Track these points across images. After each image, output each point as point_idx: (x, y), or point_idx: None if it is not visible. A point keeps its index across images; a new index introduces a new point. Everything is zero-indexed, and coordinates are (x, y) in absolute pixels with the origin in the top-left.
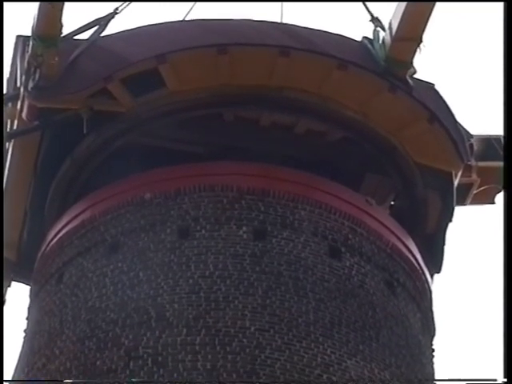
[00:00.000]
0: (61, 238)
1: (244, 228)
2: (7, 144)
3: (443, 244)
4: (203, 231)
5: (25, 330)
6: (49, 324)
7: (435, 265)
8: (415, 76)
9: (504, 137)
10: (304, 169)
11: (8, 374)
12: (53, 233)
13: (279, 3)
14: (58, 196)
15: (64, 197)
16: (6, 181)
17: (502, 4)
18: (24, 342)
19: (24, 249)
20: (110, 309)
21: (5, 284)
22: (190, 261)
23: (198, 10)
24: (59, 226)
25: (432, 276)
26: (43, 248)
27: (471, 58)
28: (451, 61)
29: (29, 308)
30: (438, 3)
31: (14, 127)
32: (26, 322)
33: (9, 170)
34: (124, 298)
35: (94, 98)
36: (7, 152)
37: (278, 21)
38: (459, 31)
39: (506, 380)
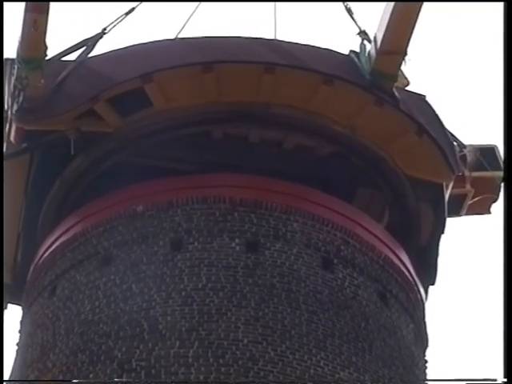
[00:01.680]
0: (53, 250)
1: (237, 240)
2: None
3: (437, 256)
4: (196, 243)
5: (17, 343)
6: (41, 337)
7: (429, 277)
8: (407, 87)
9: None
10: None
11: None
12: (45, 246)
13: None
14: (49, 218)
15: (55, 218)
16: None
17: (502, 4)
18: (17, 355)
19: (19, 271)
20: (103, 321)
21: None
22: (183, 273)
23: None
24: (52, 238)
25: (427, 288)
26: (36, 261)
27: (466, 64)
28: (446, 68)
29: (21, 321)
30: (438, 4)
31: (5, 149)
32: (18, 334)
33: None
34: (117, 310)
35: (81, 118)
36: None
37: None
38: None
39: (506, 380)
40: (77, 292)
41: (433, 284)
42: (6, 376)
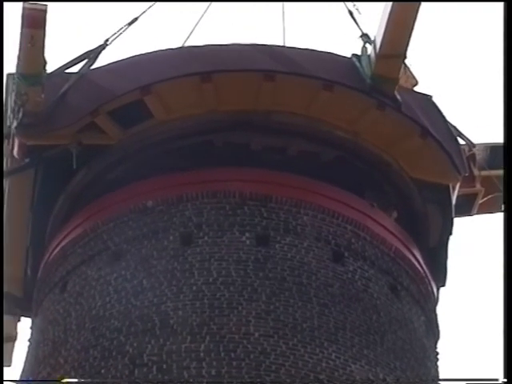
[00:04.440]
0: (64, 246)
1: (247, 234)
2: (3, 182)
3: (446, 257)
4: (206, 238)
5: (29, 339)
6: (53, 333)
7: (439, 278)
8: (416, 87)
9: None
10: None
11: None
12: (56, 242)
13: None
14: (55, 231)
15: (62, 229)
16: (5, 219)
17: (502, 4)
18: (28, 352)
19: (28, 284)
20: (114, 317)
21: (14, 320)
22: (194, 267)
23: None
24: (62, 235)
25: (438, 290)
26: (46, 257)
27: (473, 61)
28: (453, 65)
29: (32, 317)
30: (439, 4)
31: (9, 165)
32: (29, 331)
33: (7, 209)
34: (128, 305)
35: (82, 132)
36: (3, 190)
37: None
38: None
39: (506, 380)
40: (88, 288)
41: (443, 285)
42: (14, 375)
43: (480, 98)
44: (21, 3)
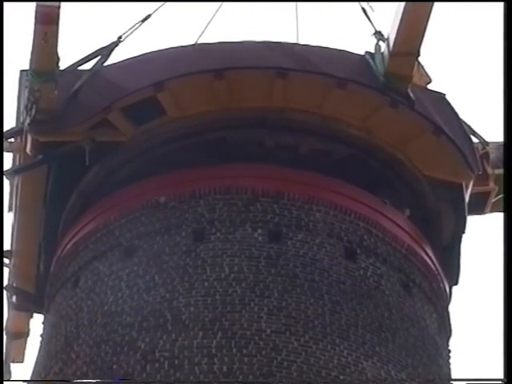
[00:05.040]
0: (76, 242)
1: (259, 230)
2: (16, 179)
3: (459, 255)
4: (218, 234)
5: (41, 335)
6: (65, 328)
7: (452, 277)
8: (430, 85)
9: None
10: None
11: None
12: (68, 237)
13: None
14: (68, 227)
15: (75, 225)
16: (18, 215)
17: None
18: (40, 347)
19: (41, 280)
20: (126, 312)
21: (27, 316)
22: (206, 264)
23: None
24: (74, 230)
25: (450, 288)
26: (59, 252)
27: (487, 59)
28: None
29: (45, 312)
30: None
31: (22, 161)
32: (42, 326)
33: (20, 205)
34: (140, 301)
35: (95, 129)
36: (17, 187)
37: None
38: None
39: (506, 380)
40: (100, 283)
41: (456, 284)
42: (26, 371)
43: (494, 96)
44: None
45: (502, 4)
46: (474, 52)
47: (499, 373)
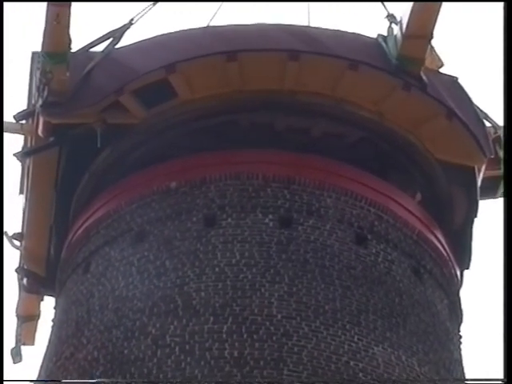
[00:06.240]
0: (87, 227)
1: (270, 216)
2: (27, 161)
3: (471, 240)
4: (229, 219)
5: (52, 320)
6: (76, 313)
7: (463, 261)
8: (442, 69)
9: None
10: None
11: (36, 363)
12: (79, 222)
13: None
14: (79, 210)
15: (86, 210)
16: (30, 198)
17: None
18: (52, 332)
19: (52, 263)
20: (137, 298)
21: (37, 298)
22: (216, 249)
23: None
24: (85, 215)
25: (462, 272)
26: (70, 237)
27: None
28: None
29: (56, 297)
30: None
31: (33, 143)
32: (53, 311)
33: (31, 187)
34: (151, 286)
35: (107, 111)
36: (28, 169)
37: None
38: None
39: (506, 380)
40: (111, 268)
41: (467, 268)
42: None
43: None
44: None
45: None
46: (486, 36)
47: (499, 374)
